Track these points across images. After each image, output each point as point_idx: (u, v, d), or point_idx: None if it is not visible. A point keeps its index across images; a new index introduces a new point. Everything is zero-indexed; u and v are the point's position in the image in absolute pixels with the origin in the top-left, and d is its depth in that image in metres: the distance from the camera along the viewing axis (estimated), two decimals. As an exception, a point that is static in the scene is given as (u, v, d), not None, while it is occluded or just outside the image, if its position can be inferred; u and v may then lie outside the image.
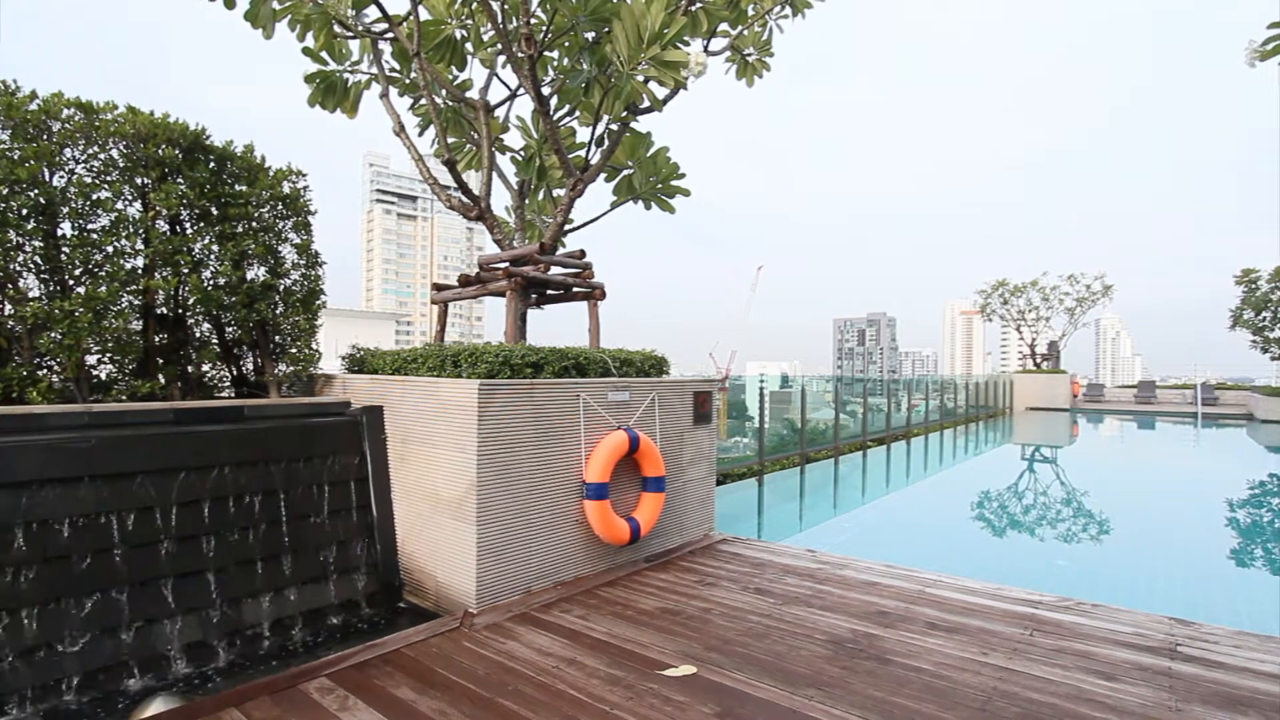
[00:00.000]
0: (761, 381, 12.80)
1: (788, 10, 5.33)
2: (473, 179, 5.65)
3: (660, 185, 5.63)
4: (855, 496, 9.98)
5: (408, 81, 5.84)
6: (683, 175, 5.58)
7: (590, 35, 4.84)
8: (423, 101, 5.85)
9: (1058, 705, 2.64)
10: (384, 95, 5.40)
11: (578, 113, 5.76)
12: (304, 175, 4.54)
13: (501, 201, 6.61)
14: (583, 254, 5.28)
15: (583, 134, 5.91)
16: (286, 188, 4.44)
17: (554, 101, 5.39)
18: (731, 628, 3.42)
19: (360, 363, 4.71)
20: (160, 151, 3.84)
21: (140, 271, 3.85)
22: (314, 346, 4.64)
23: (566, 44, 5.15)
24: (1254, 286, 27.11)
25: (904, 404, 16.41)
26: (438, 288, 5.55)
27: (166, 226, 4.01)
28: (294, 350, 4.55)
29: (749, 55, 5.58)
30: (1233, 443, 17.96)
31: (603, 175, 5.70)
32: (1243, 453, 16.26)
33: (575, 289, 5.29)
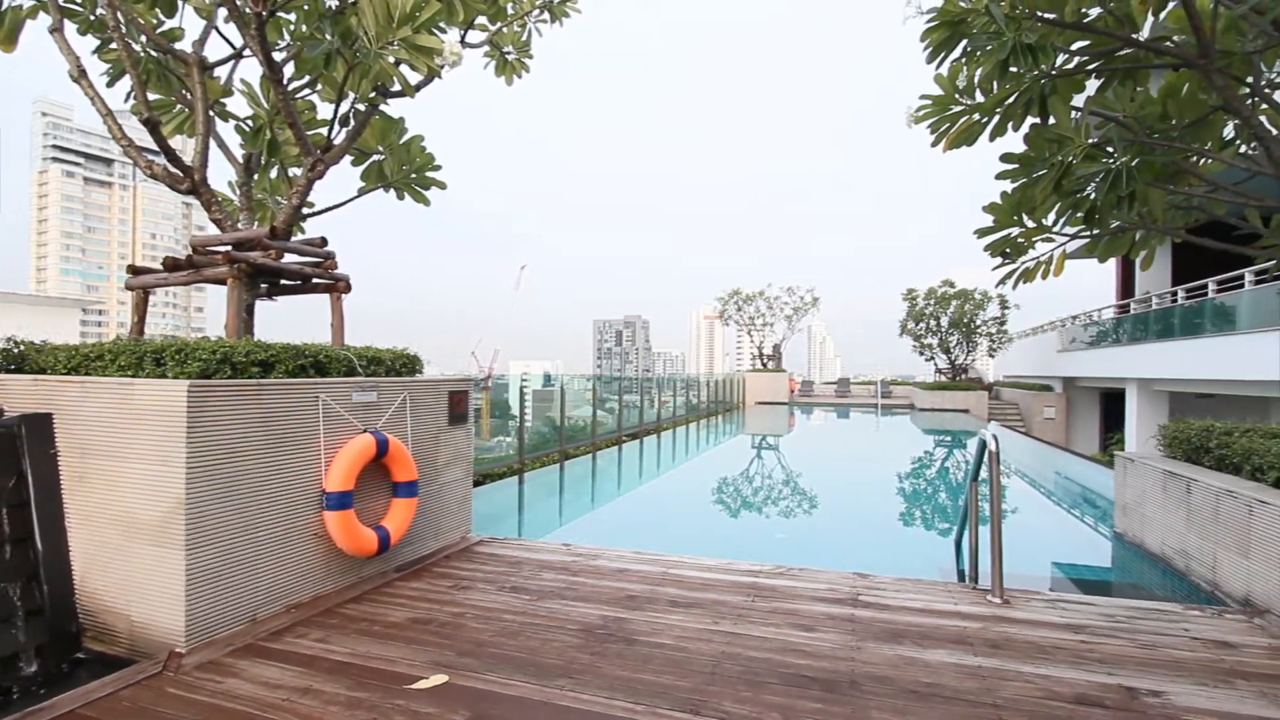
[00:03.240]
0: (524, 380, 12.84)
1: (546, 16, 5.42)
2: (188, 146, 4.83)
3: (415, 175, 5.35)
4: (612, 489, 10.47)
5: (92, 19, 4.80)
6: (438, 167, 5.36)
7: (333, 3, 4.43)
8: (114, 46, 4.85)
9: (771, 658, 3.06)
10: (56, 30, 4.38)
11: (320, 86, 5.23)
12: (-74, 116, 3.49)
13: (224, 175, 5.76)
14: (324, 242, 4.81)
15: (325, 110, 5.38)
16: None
17: (289, 70, 4.83)
18: (486, 629, 3.38)
19: (19, 360, 3.76)
20: None
21: None
22: (-58, 339, 3.60)
23: (305, 8, 4.65)
24: (914, 303, 34.20)
25: (656, 401, 17.64)
26: (135, 271, 4.65)
27: None
28: (-92, 344, 3.47)
29: (508, 53, 5.55)
30: (901, 427, 22.35)
31: (349, 159, 5.25)
32: (907, 435, 20.31)
33: (315, 280, 4.80)
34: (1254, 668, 3.03)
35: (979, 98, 4.41)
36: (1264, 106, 4.20)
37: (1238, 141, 4.59)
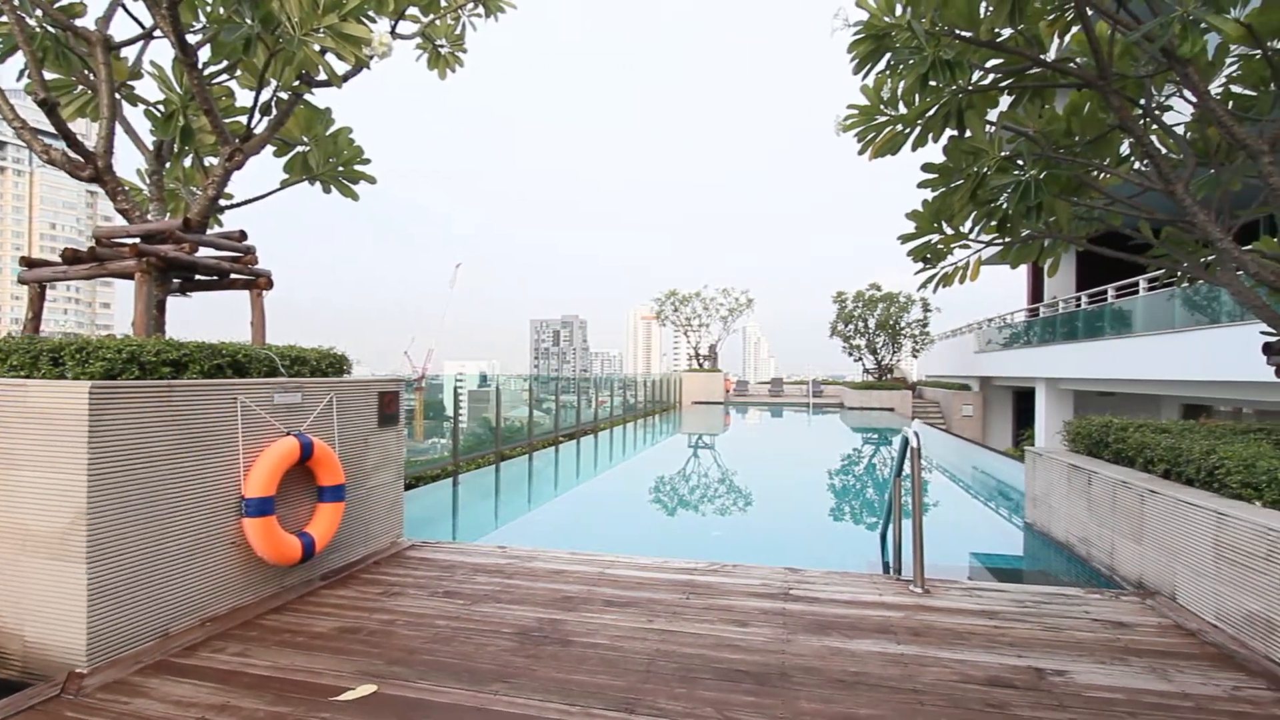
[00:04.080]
0: (459, 380, 12.58)
1: (481, 10, 5.32)
2: (91, 131, 4.51)
3: (342, 168, 5.16)
4: (549, 490, 10.39)
5: (-22, -12, 4.41)
6: (367, 160, 5.19)
7: (255, -14, 4.21)
8: (4, 19, 4.48)
9: (705, 654, 3.11)
10: (-64, -1, 4.01)
11: (239, 72, 4.97)
12: None
13: (132, 163, 5.41)
14: (243, 235, 4.59)
15: (245, 97, 5.12)
16: None
17: (205, 53, 4.57)
18: (417, 636, 3.30)
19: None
20: None
21: None
22: None
23: (223, -11, 4.42)
24: (844, 305, 35.40)
25: (593, 401, 17.61)
26: (30, 263, 4.31)
27: None
28: None
29: (441, 46, 5.42)
30: (831, 425, 23.07)
31: (271, 149, 5.02)
32: (837, 433, 20.98)
33: (234, 276, 4.57)
34: (1145, 645, 3.28)
35: (902, 109, 4.61)
36: (1154, 127, 4.55)
37: (1132, 158, 4.96)
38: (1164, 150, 4.64)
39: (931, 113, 4.53)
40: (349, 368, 4.77)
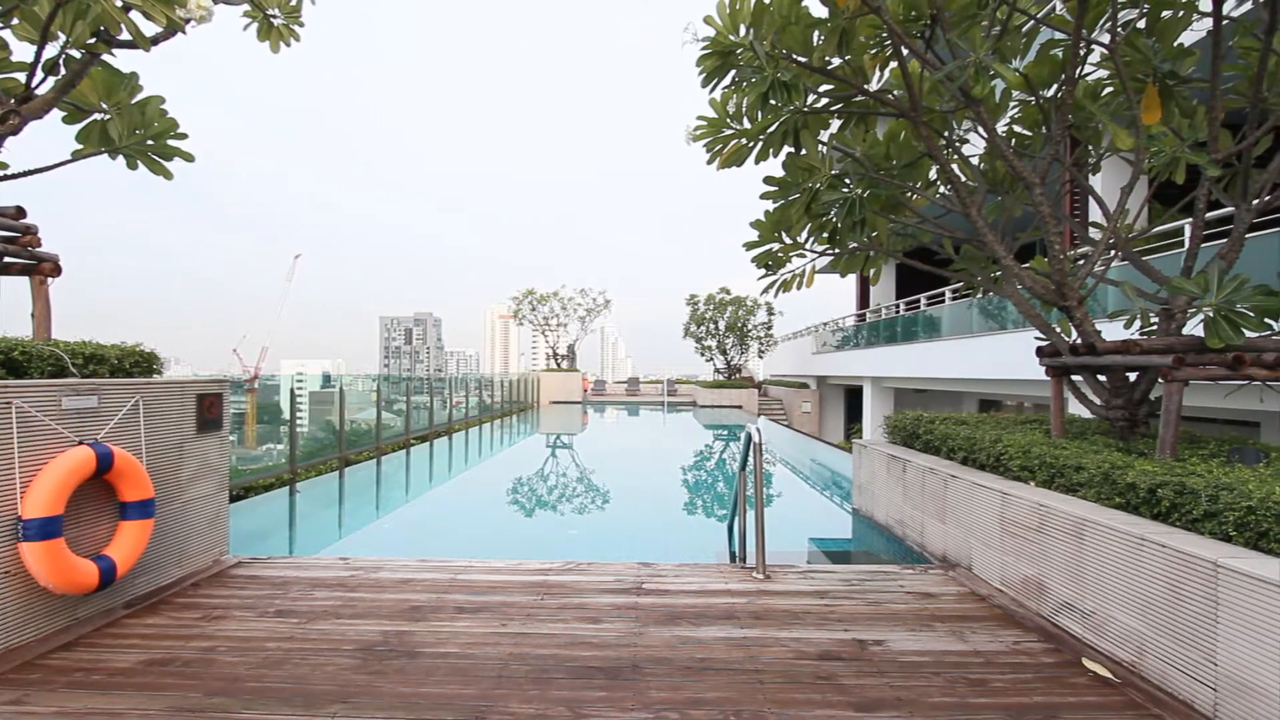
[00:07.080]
0: (298, 381, 11.60)
1: (322, -18, 4.93)
2: None
3: (152, 141, 4.57)
4: (399, 496, 9.88)
5: None
6: (184, 135, 4.63)
7: (37, -76, 3.62)
8: None
9: (559, 654, 3.12)
10: None
11: (16, 20, 4.24)
12: None
13: None
14: (20, 212, 3.93)
15: (25, 51, 4.38)
16: None
17: (-30, -4, 3.86)
18: (243, 662, 3.01)
19: None
20: None
21: None
22: None
23: (-5, -77, 3.75)
24: (696, 307, 36.92)
25: (448, 402, 16.97)
26: None
27: None
28: None
29: (274, 17, 4.97)
30: (685, 423, 23.94)
31: (60, 114, 4.34)
32: (690, 430, 21.82)
33: (9, 260, 3.90)
34: (948, 611, 3.74)
35: (746, 124, 4.90)
36: (955, 157, 5.19)
37: (938, 183, 5.62)
38: (963, 177, 5.31)
39: (772, 129, 4.86)
40: (160, 367, 4.25)
